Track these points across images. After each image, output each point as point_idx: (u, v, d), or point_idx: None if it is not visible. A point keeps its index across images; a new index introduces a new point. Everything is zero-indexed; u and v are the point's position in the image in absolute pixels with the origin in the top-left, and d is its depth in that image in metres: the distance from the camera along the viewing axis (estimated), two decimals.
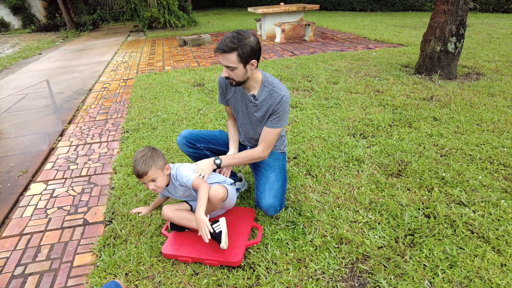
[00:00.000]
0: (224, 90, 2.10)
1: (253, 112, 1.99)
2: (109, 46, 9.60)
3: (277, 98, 1.88)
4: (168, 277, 1.73)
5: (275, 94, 1.89)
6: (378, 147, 2.88)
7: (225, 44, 1.70)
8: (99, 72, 6.44)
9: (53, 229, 2.21)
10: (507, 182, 2.31)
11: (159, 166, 1.79)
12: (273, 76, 2.08)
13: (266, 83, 1.92)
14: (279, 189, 1.98)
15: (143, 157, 1.75)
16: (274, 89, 1.89)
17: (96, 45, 10.00)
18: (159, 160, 1.80)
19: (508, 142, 2.80)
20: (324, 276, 1.68)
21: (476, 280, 1.59)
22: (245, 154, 2.00)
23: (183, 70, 5.97)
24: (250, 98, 1.95)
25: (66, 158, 3.15)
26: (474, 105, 3.63)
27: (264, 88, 1.92)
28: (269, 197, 1.92)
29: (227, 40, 1.71)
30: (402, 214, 2.06)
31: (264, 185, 1.98)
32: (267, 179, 2.00)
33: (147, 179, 1.77)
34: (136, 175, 1.77)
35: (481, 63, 5.21)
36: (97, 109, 4.42)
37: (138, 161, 1.75)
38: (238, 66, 1.76)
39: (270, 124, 1.94)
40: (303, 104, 3.92)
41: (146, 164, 1.74)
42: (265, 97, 1.91)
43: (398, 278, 1.65)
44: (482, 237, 1.86)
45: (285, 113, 1.92)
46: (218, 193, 1.81)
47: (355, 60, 5.87)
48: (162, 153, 1.85)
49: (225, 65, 1.77)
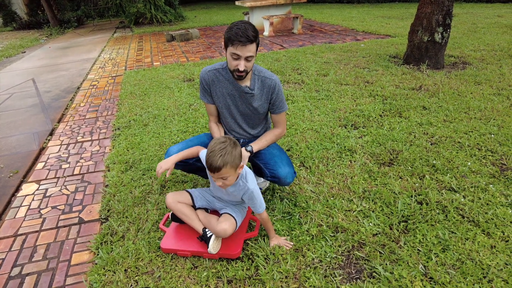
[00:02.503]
0: (210, 86, 2.02)
1: (249, 103, 2.00)
2: (95, 43, 9.45)
3: (271, 84, 1.95)
4: (168, 271, 1.74)
5: (267, 81, 1.95)
6: (370, 137, 2.92)
7: (250, 34, 1.69)
8: (87, 70, 6.35)
9: (48, 228, 2.20)
10: (494, 168, 2.38)
11: (235, 165, 1.60)
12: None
13: (255, 72, 1.96)
14: (287, 159, 2.03)
15: (221, 150, 1.55)
16: (265, 76, 1.96)
17: (82, 42, 9.83)
18: (237, 158, 1.60)
19: (495, 129, 2.88)
20: (321, 264, 1.72)
21: (468, 262, 1.65)
22: (270, 137, 2.08)
23: (172, 65, 5.93)
24: (246, 89, 1.95)
25: (57, 157, 3.12)
26: (461, 93, 3.70)
27: (255, 77, 1.96)
28: (284, 166, 1.96)
29: (248, 30, 1.69)
30: (395, 201, 2.11)
31: (274, 159, 2.00)
32: (273, 155, 2.03)
33: (219, 175, 1.59)
34: (208, 167, 1.59)
35: (467, 53, 5.30)
36: (86, 107, 4.36)
37: (215, 153, 1.55)
38: (255, 55, 1.79)
39: (278, 110, 2.05)
40: (294, 97, 3.94)
41: (223, 160, 1.54)
42: (259, 85, 1.96)
43: (393, 263, 1.69)
44: (473, 221, 1.92)
45: (283, 96, 2.04)
46: (226, 233, 1.74)
47: (344, 52, 5.90)
48: (241, 150, 1.67)
49: (245, 56, 1.74)
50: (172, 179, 2.54)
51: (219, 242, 1.80)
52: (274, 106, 2.04)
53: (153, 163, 2.77)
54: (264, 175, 2.03)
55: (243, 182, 1.73)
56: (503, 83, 3.91)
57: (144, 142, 3.16)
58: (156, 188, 2.44)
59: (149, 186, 2.48)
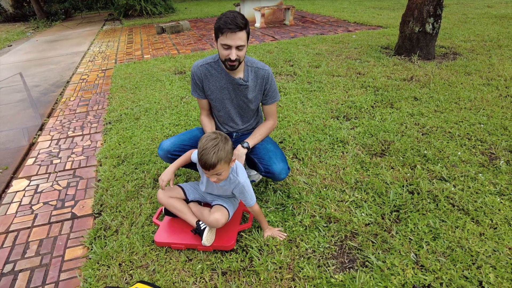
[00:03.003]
0: (202, 81, 1.99)
1: (244, 95, 1.99)
2: (84, 36, 9.29)
3: (265, 75, 1.96)
4: (162, 264, 1.75)
5: (261, 71, 1.95)
6: (362, 128, 2.94)
7: (239, 22, 1.68)
8: (76, 63, 6.25)
9: (40, 224, 2.18)
10: (484, 157, 2.42)
11: (228, 160, 1.58)
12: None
13: (248, 63, 1.96)
14: (282, 155, 2.04)
15: (214, 147, 1.52)
16: (258, 66, 1.96)
17: (70, 35, 9.66)
18: (230, 153, 1.58)
19: (484, 119, 2.92)
20: (315, 254, 1.74)
21: (458, 249, 1.68)
22: (264, 130, 2.08)
23: (163, 58, 5.86)
24: (240, 81, 1.94)
25: (48, 152, 3.08)
26: (452, 84, 3.73)
27: (248, 68, 1.95)
28: (279, 162, 1.96)
29: (237, 18, 1.68)
30: (387, 191, 2.14)
31: (268, 154, 2.00)
32: (267, 150, 2.03)
33: (213, 171, 1.57)
34: (202, 165, 1.57)
35: (458, 43, 5.34)
36: (76, 101, 4.31)
37: (208, 150, 1.52)
38: (245, 44, 1.76)
39: (271, 101, 2.05)
40: (286, 89, 3.94)
41: (218, 156, 1.52)
42: (252, 77, 1.96)
43: (385, 252, 1.72)
44: (462, 210, 1.96)
45: (276, 86, 2.05)
46: (218, 223, 1.74)
47: (335, 43, 5.90)
48: (232, 144, 1.63)
49: (236, 45, 1.72)
50: None
51: (213, 234, 1.81)
52: (267, 97, 2.03)
53: (145, 157, 2.75)
54: (259, 170, 2.03)
55: (233, 176, 1.73)
56: (492, 73, 3.95)
57: (136, 136, 3.14)
58: (149, 182, 2.43)
59: (141, 180, 2.47)
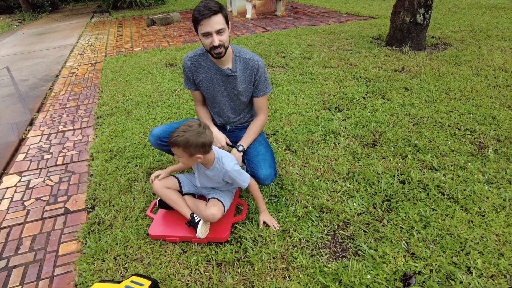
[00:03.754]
0: (193, 73, 2.00)
1: (234, 86, 1.97)
2: (73, 29, 9.12)
3: (254, 65, 1.92)
4: (157, 257, 1.76)
5: (250, 62, 1.92)
6: (353, 119, 2.97)
7: (211, 6, 1.68)
8: (65, 57, 6.15)
9: (33, 220, 2.17)
10: (473, 146, 2.46)
11: (188, 151, 1.62)
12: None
13: (237, 53, 1.93)
14: (271, 159, 2.03)
15: (181, 132, 1.59)
16: (247, 57, 1.93)
17: (58, 28, 9.47)
18: (193, 146, 1.60)
19: (474, 109, 2.96)
20: (308, 244, 1.77)
21: (447, 237, 1.73)
22: (256, 128, 2.06)
23: (154, 50, 5.80)
24: (228, 72, 1.92)
25: (38, 148, 3.05)
26: (442, 74, 3.77)
27: (237, 59, 1.92)
28: (265, 168, 1.95)
29: (209, 3, 1.69)
30: (379, 181, 2.17)
31: (257, 157, 2.00)
32: (257, 152, 2.02)
33: (173, 151, 1.66)
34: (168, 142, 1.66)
35: (448, 34, 5.38)
36: (66, 95, 4.25)
37: (177, 131, 1.61)
38: (226, 27, 1.76)
39: (261, 93, 2.01)
40: (278, 81, 3.94)
41: (176, 140, 1.59)
42: (241, 67, 1.93)
43: (377, 241, 1.75)
44: (452, 198, 2.00)
45: (267, 77, 2.00)
46: (214, 218, 1.76)
47: (327, 34, 5.89)
48: (208, 142, 1.64)
49: (215, 30, 1.72)
50: (158, 166, 2.53)
51: (207, 226, 1.82)
52: (257, 89, 2.00)
53: (138, 151, 2.74)
54: (247, 171, 2.04)
55: (219, 165, 1.76)
56: (482, 63, 3.99)
57: (127, 130, 3.12)
58: (142, 176, 2.43)
59: (134, 174, 2.46)
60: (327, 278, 1.57)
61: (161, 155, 2.65)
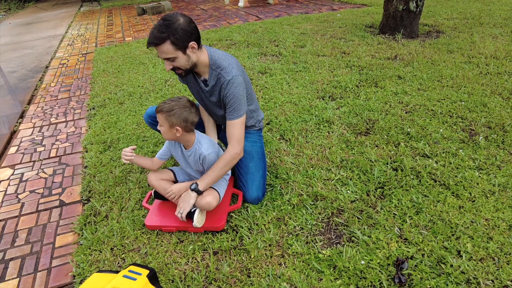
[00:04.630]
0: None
1: (208, 97, 1.89)
2: (61, 18, 8.94)
3: (224, 83, 1.74)
4: (154, 247, 1.78)
5: (222, 79, 1.76)
6: (347, 107, 2.98)
7: (154, 36, 1.60)
8: (54, 47, 6.05)
9: (28, 213, 2.17)
10: (464, 133, 2.50)
11: (169, 121, 1.68)
12: (224, 53, 1.83)
13: (213, 66, 1.77)
14: (260, 180, 1.98)
15: (170, 101, 1.70)
16: (221, 73, 1.75)
17: (46, 18, 9.28)
18: (175, 116, 1.67)
19: (465, 96, 2.99)
20: (303, 231, 1.80)
21: (439, 222, 1.77)
22: (220, 164, 1.78)
23: (145, 40, 5.72)
24: (201, 84, 1.86)
25: (31, 140, 3.03)
26: (435, 62, 3.79)
27: (212, 72, 1.79)
28: (253, 190, 1.93)
29: (154, 31, 1.60)
30: (372, 169, 2.20)
31: (246, 177, 1.97)
32: (247, 169, 1.98)
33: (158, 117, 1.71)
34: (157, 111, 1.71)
35: (441, 21, 5.38)
36: (57, 87, 4.20)
37: (167, 100, 1.71)
38: (177, 54, 1.64)
39: (229, 116, 1.79)
40: (272, 70, 3.93)
41: (163, 106, 1.68)
42: (215, 82, 1.80)
43: (371, 227, 1.79)
44: (444, 184, 2.04)
45: (238, 99, 1.75)
46: (210, 206, 1.77)
47: (320, 22, 5.86)
48: (191, 120, 1.71)
49: (162, 57, 1.67)
50: (153, 157, 2.53)
51: (204, 215, 1.84)
52: (227, 110, 1.79)
53: (132, 142, 2.74)
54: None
55: (198, 146, 1.81)
56: (474, 51, 4.02)
57: (121, 121, 3.10)
58: (136, 167, 2.43)
59: (129, 166, 2.46)
60: (322, 264, 1.60)
61: (155, 146, 2.65)
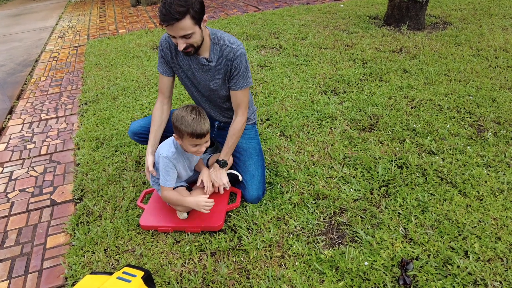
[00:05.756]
0: (168, 55, 1.86)
1: (209, 82, 1.86)
2: (51, 9, 8.91)
3: (231, 54, 1.75)
4: (149, 248, 1.79)
5: (227, 50, 1.75)
6: (350, 102, 2.98)
7: (174, 11, 1.50)
8: (44, 40, 6.03)
9: (18, 213, 2.17)
10: (472, 129, 2.50)
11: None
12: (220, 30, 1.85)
13: (215, 40, 1.77)
14: (260, 178, 1.98)
15: (196, 117, 1.61)
16: (225, 43, 1.76)
17: (35, 9, 9.24)
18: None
19: (473, 91, 2.99)
20: (304, 231, 1.81)
21: (445, 221, 1.77)
22: (234, 132, 1.90)
23: (139, 32, 5.72)
24: (203, 61, 1.79)
25: (20, 137, 3.03)
26: (442, 55, 3.79)
27: (214, 47, 1.77)
28: (252, 190, 1.94)
29: (172, 5, 1.50)
30: (376, 166, 2.20)
31: (245, 176, 1.97)
32: (246, 168, 1.99)
33: (208, 137, 1.70)
34: (198, 135, 1.62)
35: (448, 12, 5.37)
36: (48, 81, 4.20)
37: (197, 120, 1.60)
38: (194, 29, 1.59)
39: (236, 86, 1.83)
40: (272, 63, 3.92)
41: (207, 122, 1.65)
42: (218, 56, 1.78)
43: (374, 227, 1.80)
44: (450, 182, 2.04)
45: (246, 69, 1.81)
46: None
47: (322, 13, 5.85)
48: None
49: (180, 35, 1.58)
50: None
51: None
52: (233, 80, 1.81)
53: (126, 139, 2.74)
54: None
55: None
56: (483, 43, 4.01)
57: (114, 117, 3.10)
58: (130, 165, 2.43)
59: (123, 163, 2.46)
60: (323, 265, 1.61)
61: None
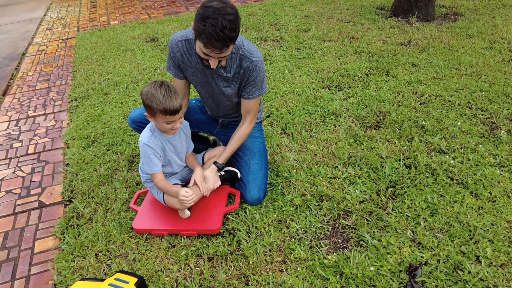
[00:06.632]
0: (179, 60, 1.85)
1: (222, 87, 1.87)
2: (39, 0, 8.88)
3: (250, 66, 1.77)
4: (143, 252, 1.78)
5: (246, 60, 1.76)
6: (355, 98, 2.97)
7: (227, 37, 1.48)
8: (32, 32, 6.02)
9: (4, 215, 2.17)
10: (484, 127, 2.50)
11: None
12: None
13: (234, 49, 1.75)
14: (262, 179, 1.99)
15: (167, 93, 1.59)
16: (244, 54, 1.76)
17: None
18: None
19: (486, 86, 2.98)
20: (306, 235, 1.80)
21: (456, 224, 1.77)
22: (239, 138, 1.94)
23: (132, 24, 5.71)
24: (220, 71, 1.79)
25: (6, 135, 3.02)
26: (452, 48, 3.77)
27: (232, 56, 1.76)
28: (254, 191, 1.94)
29: (225, 30, 1.45)
30: (383, 166, 2.20)
31: (247, 175, 1.97)
32: (248, 168, 1.99)
33: (182, 113, 1.70)
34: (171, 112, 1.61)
35: (459, 2, 5.36)
36: (35, 76, 4.19)
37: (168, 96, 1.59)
38: (230, 49, 1.61)
39: (249, 96, 1.87)
40: (273, 57, 3.91)
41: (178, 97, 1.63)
42: (236, 65, 1.79)
43: (381, 230, 1.79)
44: (461, 183, 2.04)
45: (262, 80, 1.85)
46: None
47: (326, 3, 5.83)
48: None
49: (219, 57, 1.60)
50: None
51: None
52: (247, 89, 1.85)
53: (118, 137, 2.73)
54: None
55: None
56: (496, 35, 4.00)
57: (106, 114, 3.09)
58: (123, 165, 2.42)
59: (115, 163, 2.46)
60: (327, 270, 1.61)
61: None
